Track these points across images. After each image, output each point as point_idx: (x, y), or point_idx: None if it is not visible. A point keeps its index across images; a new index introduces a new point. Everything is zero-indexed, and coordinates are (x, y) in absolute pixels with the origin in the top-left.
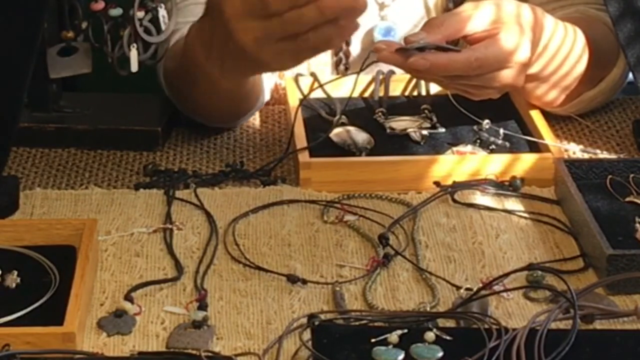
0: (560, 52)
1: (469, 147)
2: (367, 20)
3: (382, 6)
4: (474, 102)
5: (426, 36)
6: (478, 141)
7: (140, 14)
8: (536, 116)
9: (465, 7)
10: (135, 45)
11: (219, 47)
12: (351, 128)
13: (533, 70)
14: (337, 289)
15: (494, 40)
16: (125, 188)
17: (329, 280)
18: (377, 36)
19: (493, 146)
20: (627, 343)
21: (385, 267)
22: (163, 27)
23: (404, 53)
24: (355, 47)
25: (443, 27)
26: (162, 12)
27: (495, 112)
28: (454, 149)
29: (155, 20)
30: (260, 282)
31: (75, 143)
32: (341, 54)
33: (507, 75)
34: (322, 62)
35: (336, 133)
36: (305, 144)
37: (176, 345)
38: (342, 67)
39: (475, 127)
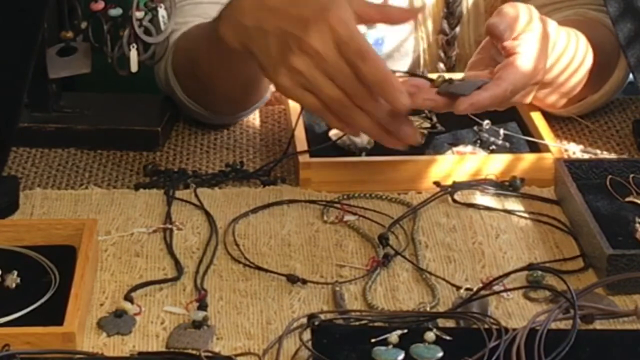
0: (563, 58)
1: (469, 148)
2: None
3: None
4: None
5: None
6: (478, 141)
7: (139, 14)
8: (536, 116)
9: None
10: (135, 45)
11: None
12: None
13: None
14: (337, 289)
15: (516, 67)
16: (125, 188)
17: (328, 280)
18: None
19: (493, 146)
20: (627, 343)
21: (385, 267)
22: (162, 27)
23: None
24: None
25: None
26: (161, 12)
27: (496, 113)
28: (454, 149)
29: (155, 21)
30: (260, 282)
31: (75, 143)
32: None
33: (521, 94)
34: None
35: (335, 133)
36: (305, 145)
37: (176, 345)
38: None
39: (475, 128)
